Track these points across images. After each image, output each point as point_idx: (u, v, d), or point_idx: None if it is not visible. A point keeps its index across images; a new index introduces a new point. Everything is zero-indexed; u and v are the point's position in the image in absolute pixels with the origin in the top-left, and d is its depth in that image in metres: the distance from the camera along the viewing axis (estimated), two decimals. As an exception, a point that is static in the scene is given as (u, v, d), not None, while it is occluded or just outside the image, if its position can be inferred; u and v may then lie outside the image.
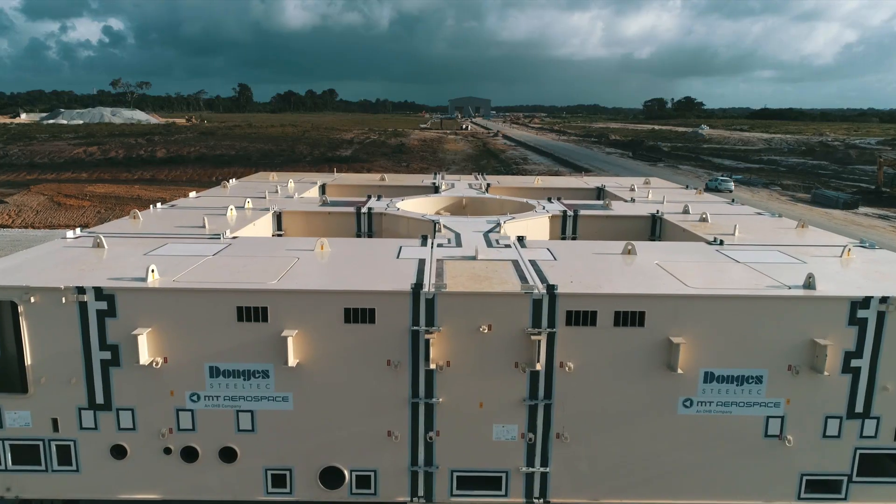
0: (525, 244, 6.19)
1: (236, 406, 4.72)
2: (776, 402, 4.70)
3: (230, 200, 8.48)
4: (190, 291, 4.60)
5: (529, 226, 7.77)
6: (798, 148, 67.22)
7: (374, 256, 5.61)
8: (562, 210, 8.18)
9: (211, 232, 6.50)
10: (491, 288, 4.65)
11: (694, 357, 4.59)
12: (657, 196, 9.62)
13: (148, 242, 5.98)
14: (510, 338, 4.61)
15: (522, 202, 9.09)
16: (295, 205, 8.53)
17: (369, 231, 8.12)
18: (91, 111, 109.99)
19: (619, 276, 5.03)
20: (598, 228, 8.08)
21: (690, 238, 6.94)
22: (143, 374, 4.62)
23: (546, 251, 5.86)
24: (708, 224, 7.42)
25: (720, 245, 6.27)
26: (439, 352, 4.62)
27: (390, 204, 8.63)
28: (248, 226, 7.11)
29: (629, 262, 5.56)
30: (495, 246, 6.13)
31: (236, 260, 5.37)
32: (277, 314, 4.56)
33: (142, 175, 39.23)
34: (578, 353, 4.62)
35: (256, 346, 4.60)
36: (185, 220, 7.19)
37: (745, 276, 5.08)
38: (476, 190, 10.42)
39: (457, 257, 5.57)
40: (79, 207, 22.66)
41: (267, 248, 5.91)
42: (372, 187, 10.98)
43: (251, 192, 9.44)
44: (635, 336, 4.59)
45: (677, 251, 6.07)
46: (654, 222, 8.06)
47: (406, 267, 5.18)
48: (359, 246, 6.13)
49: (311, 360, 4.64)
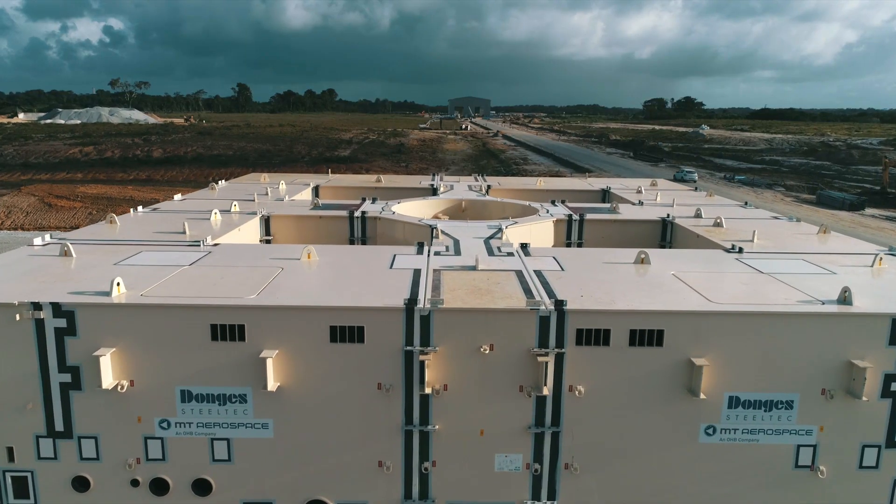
0: (529, 252, 5.74)
1: (211, 434, 4.26)
2: (808, 429, 4.25)
3: (217, 203, 8.04)
4: (159, 307, 4.14)
5: (533, 231, 7.32)
6: (800, 148, 66.82)
7: (364, 266, 5.15)
8: (567, 214, 7.73)
9: (191, 238, 6.06)
10: (493, 303, 4.19)
11: (717, 380, 4.14)
12: (666, 198, 9.17)
13: (121, 250, 5.53)
14: (514, 359, 4.16)
15: (525, 205, 8.65)
16: (285, 208, 8.08)
17: (363, 236, 7.67)
18: (89, 111, 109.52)
19: (633, 290, 4.58)
20: (606, 234, 7.64)
21: (705, 245, 6.48)
22: (108, 399, 4.17)
23: (552, 260, 5.41)
24: (723, 230, 6.97)
25: (739, 253, 5.82)
26: (436, 374, 4.17)
27: (385, 207, 8.18)
28: (233, 231, 6.66)
29: (643, 273, 5.11)
30: (497, 254, 5.68)
31: (214, 271, 4.92)
32: (256, 333, 4.11)
33: (137, 175, 38.78)
34: (590, 376, 4.17)
35: (233, 367, 4.15)
36: (165, 225, 6.74)
37: (772, 290, 4.63)
38: (476, 192, 9.97)
39: (455, 267, 5.12)
40: (70, 209, 22.18)
41: (249, 256, 5.45)
42: (367, 189, 10.53)
43: (240, 195, 8.99)
44: (653, 357, 4.14)
45: (693, 260, 5.63)
46: (664, 227, 7.61)
47: (399, 279, 4.73)
48: (349, 254, 5.68)
49: (293, 383, 4.19)
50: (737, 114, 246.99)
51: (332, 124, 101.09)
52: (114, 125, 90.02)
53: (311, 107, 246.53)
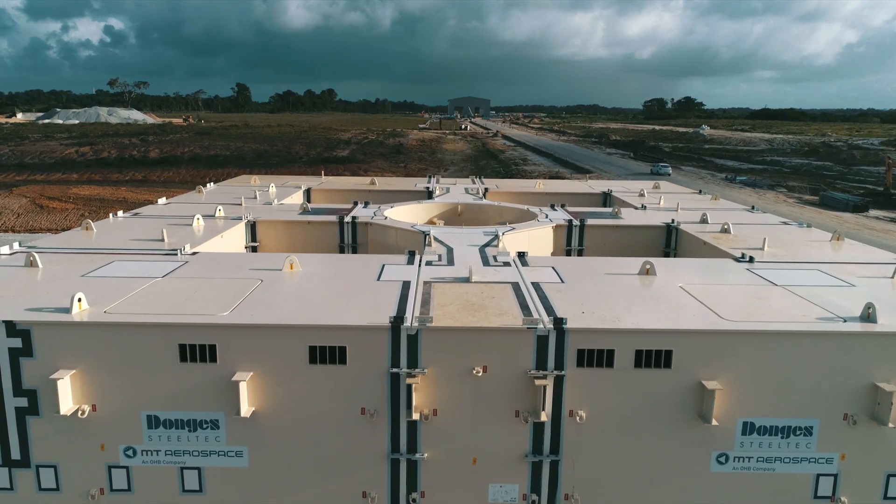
0: (527, 261, 5.41)
1: (180, 462, 3.93)
2: (829, 457, 3.92)
3: (202, 208, 7.70)
4: (122, 326, 3.80)
5: (531, 237, 6.99)
6: (801, 148, 66.49)
7: (350, 278, 4.82)
8: (567, 219, 7.40)
9: (169, 247, 5.72)
10: (487, 321, 3.86)
11: (731, 404, 3.81)
12: (669, 202, 8.84)
13: (93, 260, 5.19)
14: (509, 381, 3.82)
15: (523, 209, 8.31)
16: (272, 213, 7.74)
17: (353, 242, 7.33)
18: (87, 111, 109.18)
19: (638, 305, 4.24)
20: (607, 240, 7.30)
21: (713, 253, 6.15)
22: (68, 425, 3.83)
23: (551, 271, 5.08)
24: (730, 236, 6.64)
25: (750, 263, 5.48)
26: (424, 398, 3.84)
27: (378, 212, 7.85)
28: (215, 239, 6.32)
29: (648, 285, 4.78)
30: (492, 264, 5.34)
31: (188, 283, 4.58)
32: (228, 353, 3.77)
33: (133, 176, 38.43)
34: (592, 400, 3.84)
35: (204, 390, 3.81)
36: (144, 231, 6.40)
37: (788, 305, 4.29)
38: (473, 195, 9.64)
39: (447, 279, 4.79)
40: (62, 210, 21.82)
41: (228, 266, 5.12)
42: (361, 192, 10.19)
43: (228, 198, 8.66)
44: (660, 380, 3.81)
45: (701, 270, 5.29)
46: (668, 233, 7.28)
47: (387, 292, 4.40)
48: (334, 264, 5.34)
49: (269, 408, 3.85)
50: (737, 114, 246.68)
51: (331, 124, 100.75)
52: (112, 125, 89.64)
53: (311, 107, 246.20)
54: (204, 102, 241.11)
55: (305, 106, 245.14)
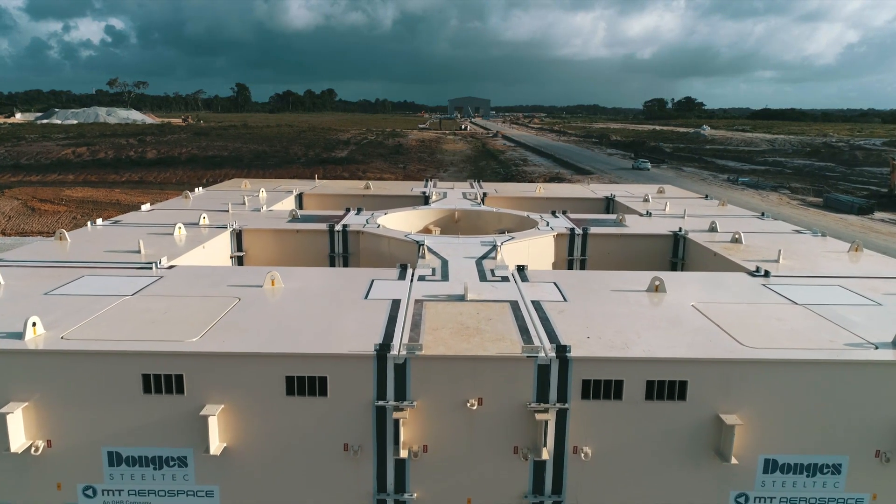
0: (527, 276, 5.05)
1: (145, 502, 3.58)
2: (859, 497, 3.57)
3: (187, 215, 7.36)
4: (80, 354, 3.45)
5: (531, 247, 6.64)
6: (802, 149, 66.09)
7: (335, 296, 4.46)
8: (568, 227, 7.04)
9: (145, 259, 5.37)
10: (482, 348, 3.50)
11: (751, 440, 3.46)
12: (675, 208, 8.48)
13: (60, 275, 4.84)
14: (507, 415, 3.47)
15: (523, 216, 7.96)
16: (260, 220, 7.38)
17: (344, 251, 6.97)
18: (86, 111, 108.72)
19: (649, 328, 3.88)
20: (611, 249, 6.95)
21: (724, 265, 5.80)
22: (20, 463, 3.48)
23: (553, 287, 4.72)
24: (742, 246, 6.28)
25: (766, 277, 5.13)
26: (413, 433, 3.49)
27: (371, 219, 7.49)
28: (196, 249, 5.96)
29: (658, 303, 4.42)
30: (490, 279, 4.99)
31: (158, 303, 4.22)
32: (196, 384, 3.42)
33: (130, 177, 38.06)
34: (598, 436, 3.49)
35: (170, 425, 3.46)
36: (122, 241, 6.04)
37: (811, 328, 3.94)
38: (471, 201, 9.28)
39: (441, 297, 4.43)
40: (54, 213, 21.44)
41: (204, 282, 4.76)
42: (355, 197, 9.85)
43: (215, 204, 8.31)
44: (674, 413, 3.45)
45: (714, 286, 4.94)
46: (676, 242, 6.92)
47: (374, 313, 4.05)
48: (319, 279, 4.97)
49: (242, 444, 3.50)
50: (737, 114, 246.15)
51: (331, 124, 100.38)
52: (110, 125, 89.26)
53: (311, 107, 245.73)
54: (204, 102, 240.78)
55: (305, 106, 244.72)
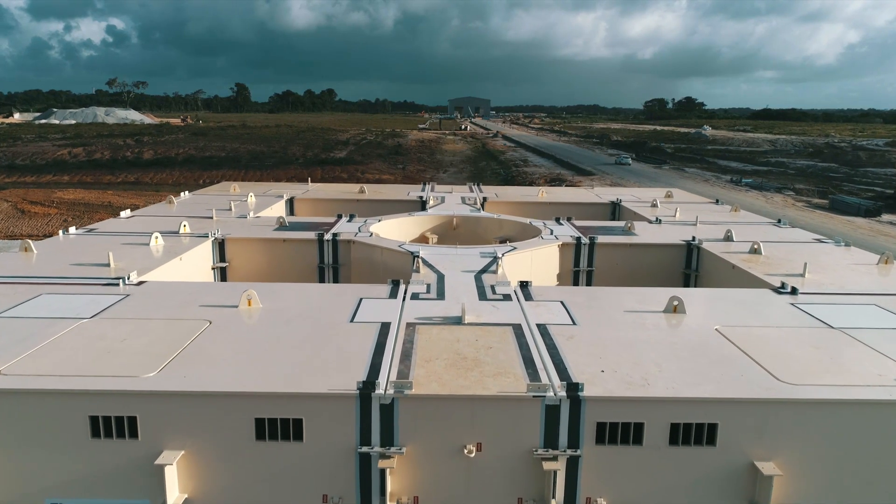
0: (531, 293, 4.60)
1: (96, 562, 3.13)
2: None
3: (169, 222, 6.91)
4: (18, 393, 3.00)
5: (535, 258, 6.18)
6: (805, 150, 65.61)
7: (318, 319, 4.00)
8: (574, 236, 6.58)
9: (115, 273, 4.92)
10: (481, 385, 3.05)
11: (790, 490, 3.01)
12: (686, 215, 8.03)
13: (18, 293, 4.39)
14: (510, 463, 3.02)
15: (525, 223, 7.50)
16: (245, 228, 6.92)
17: (334, 262, 6.52)
18: (84, 111, 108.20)
19: (670, 359, 3.43)
20: (620, 260, 6.49)
21: (745, 280, 5.34)
22: (-49, 517, 3.04)
23: (560, 307, 4.27)
24: (761, 258, 5.83)
25: (793, 295, 4.67)
26: (403, 483, 3.04)
27: (363, 226, 7.04)
28: (172, 262, 5.51)
29: (677, 326, 3.97)
30: (490, 297, 4.53)
31: (118, 328, 3.77)
32: (152, 427, 2.97)
33: (126, 178, 37.62)
34: (615, 487, 3.04)
35: (122, 474, 3.01)
36: (92, 252, 5.59)
37: (853, 357, 3.49)
38: (470, 206, 8.82)
39: (435, 320, 3.98)
40: (44, 215, 20.96)
41: (174, 302, 4.31)
42: (349, 202, 9.39)
43: (199, 210, 7.85)
44: (702, 460, 3.00)
45: (737, 306, 4.48)
46: (689, 253, 6.46)
47: (360, 340, 3.60)
48: (302, 298, 4.51)
49: (206, 496, 3.05)
50: (737, 114, 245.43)
51: (330, 124, 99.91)
52: (109, 125, 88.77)
53: (311, 107, 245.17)
54: (203, 102, 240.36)
55: (305, 106, 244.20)
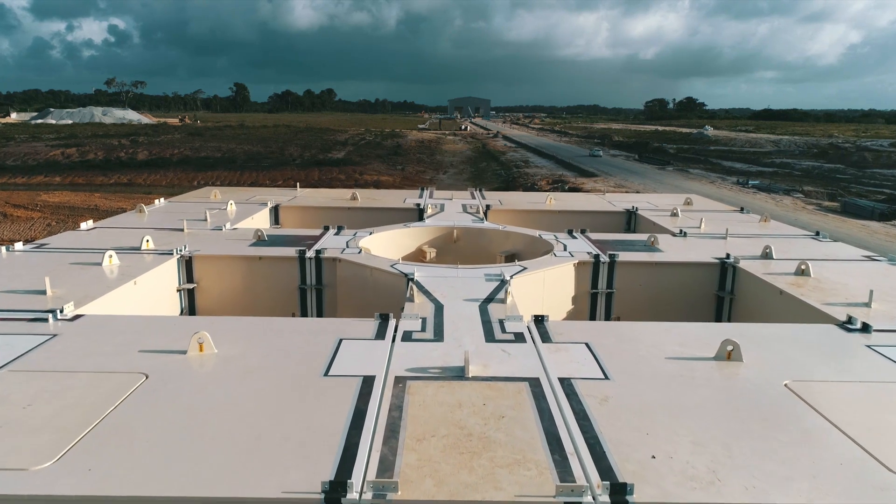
0: (548, 331, 3.79)
1: None
2: None
3: (133, 235, 6.11)
4: None
5: (547, 280, 5.38)
6: (809, 150, 64.79)
7: (284, 370, 3.18)
8: (591, 253, 5.78)
9: (51, 303, 4.11)
10: (493, 483, 2.24)
11: None
12: (713, 226, 7.22)
13: (-80, 332, 3.58)
14: None
15: (534, 236, 6.70)
16: (219, 243, 6.11)
17: (318, 283, 5.71)
18: (81, 111, 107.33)
19: (739, 435, 2.62)
20: (644, 280, 5.69)
21: (797, 310, 4.52)
22: None
23: (585, 351, 3.46)
24: (811, 280, 5.02)
25: (865, 333, 3.86)
26: None
27: (353, 240, 6.23)
28: (124, 286, 4.69)
29: (736, 382, 3.16)
30: (499, 337, 3.72)
31: (26, 386, 2.95)
32: (40, 545, 2.16)
33: (119, 179, 36.78)
34: None
35: None
36: (32, 275, 4.77)
37: (978, 432, 2.68)
38: (472, 215, 8.01)
39: (432, 371, 3.17)
40: (27, 219, 20.16)
41: (109, 346, 3.49)
42: (339, 210, 8.58)
43: (173, 220, 7.04)
44: None
45: (803, 350, 3.66)
46: (723, 272, 5.66)
47: (333, 406, 2.78)
48: (268, 339, 3.68)
49: None
50: (738, 114, 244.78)
51: (329, 124, 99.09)
52: (105, 126, 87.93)
53: (310, 107, 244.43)
54: (202, 102, 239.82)
55: (304, 106, 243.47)
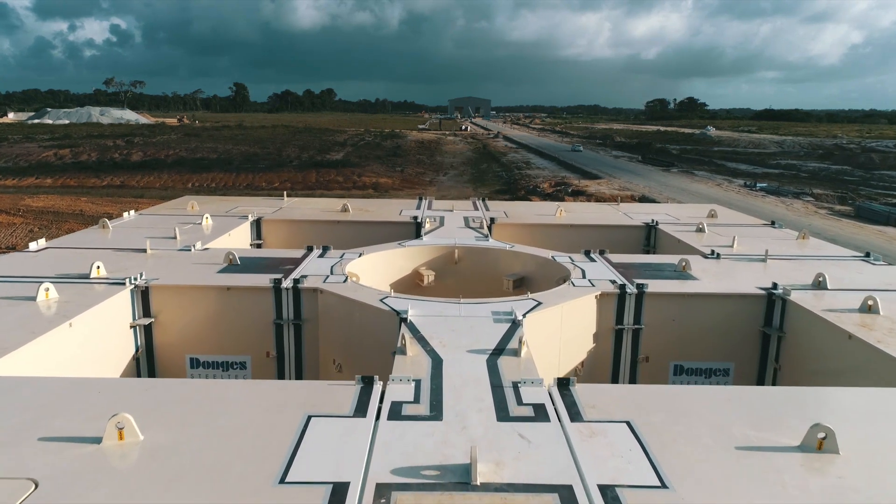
0: (577, 402, 2.97)
1: None
2: None
3: (87, 258, 5.28)
4: None
5: (565, 315, 4.55)
6: (814, 151, 63.96)
7: (223, 472, 2.35)
8: (616, 282, 4.95)
9: (-47, 358, 3.30)
10: None
11: None
12: (747, 245, 6.41)
13: None
14: None
15: (546, 258, 5.88)
16: (182, 269, 5.29)
17: (296, 318, 4.89)
18: (79, 111, 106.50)
19: None
20: (677, 314, 4.88)
21: (880, 365, 3.70)
22: None
23: (629, 438, 2.64)
24: (880, 319, 4.21)
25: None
26: None
27: (339, 264, 5.42)
28: (57, 329, 3.85)
29: (834, 485, 2.35)
30: (514, 412, 2.89)
31: None
32: None
33: (112, 181, 35.96)
34: None
35: None
36: (-53, 315, 3.95)
37: None
38: (474, 229, 7.19)
39: (427, 474, 2.35)
40: (9, 225, 19.32)
41: (8, 425, 2.67)
42: (328, 224, 7.76)
43: (137, 239, 6.21)
44: None
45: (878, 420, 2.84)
46: (769, 306, 4.83)
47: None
48: (213, 416, 2.84)
49: None
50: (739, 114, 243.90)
51: (329, 125, 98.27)
52: (102, 126, 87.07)
53: (310, 107, 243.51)
54: (202, 102, 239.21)
55: (304, 106, 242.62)
